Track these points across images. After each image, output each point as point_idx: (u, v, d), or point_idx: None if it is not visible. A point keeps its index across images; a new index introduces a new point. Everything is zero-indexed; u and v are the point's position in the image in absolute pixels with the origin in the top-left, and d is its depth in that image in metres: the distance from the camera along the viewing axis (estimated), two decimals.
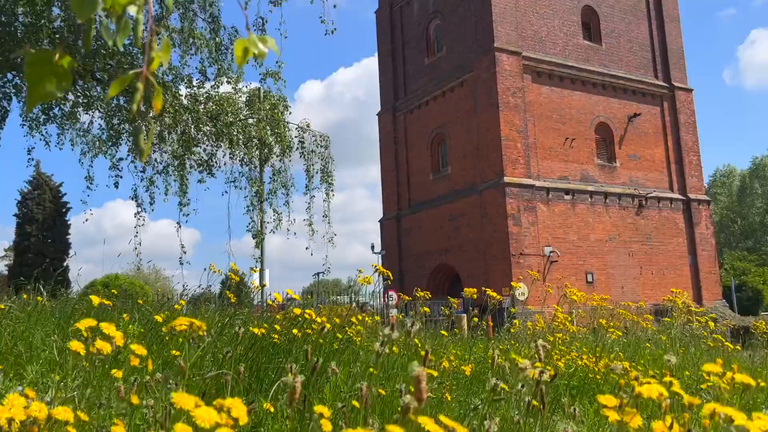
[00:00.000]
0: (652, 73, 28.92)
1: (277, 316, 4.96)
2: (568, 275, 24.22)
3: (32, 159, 12.86)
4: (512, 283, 20.56)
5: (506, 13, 25.12)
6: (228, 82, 12.86)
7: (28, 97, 1.02)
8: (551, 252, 24.01)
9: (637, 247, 26.56)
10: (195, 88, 12.58)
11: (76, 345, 1.50)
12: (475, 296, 4.57)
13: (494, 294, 4.47)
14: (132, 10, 1.27)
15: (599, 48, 27.63)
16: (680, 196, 28.21)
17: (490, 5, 24.82)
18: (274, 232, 13.45)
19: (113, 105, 11.96)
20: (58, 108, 11.49)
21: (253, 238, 13.31)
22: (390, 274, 4.12)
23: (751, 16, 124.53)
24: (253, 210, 13.12)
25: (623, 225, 26.43)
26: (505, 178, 23.67)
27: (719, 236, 51.23)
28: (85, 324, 1.54)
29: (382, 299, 21.31)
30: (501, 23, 24.89)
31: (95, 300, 3.22)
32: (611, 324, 5.55)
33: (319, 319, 4.08)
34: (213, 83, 12.41)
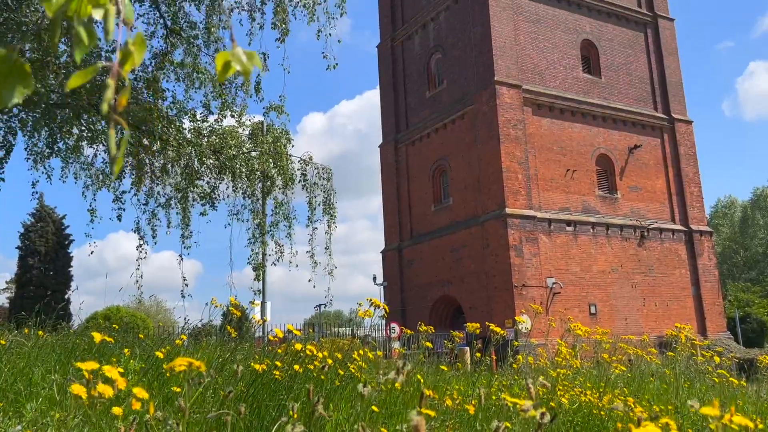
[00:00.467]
0: (651, 106, 29.17)
1: (279, 350, 4.93)
2: (571, 307, 24.10)
3: (36, 192, 12.94)
4: (516, 317, 20.45)
5: (506, 47, 25.45)
6: (231, 116, 12.98)
7: None
8: (554, 283, 23.93)
9: (640, 278, 26.46)
10: (199, 122, 12.69)
11: (77, 389, 1.50)
12: (478, 331, 4.55)
13: (498, 329, 4.45)
14: (97, 15, 1.23)
15: (599, 81, 27.92)
16: (682, 227, 28.21)
17: (490, 40, 25.16)
18: (275, 264, 13.45)
19: (118, 139, 12.04)
20: (62, 142, 11.61)
21: (254, 271, 13.29)
22: (386, 308, 4.12)
23: (749, 49, 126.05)
24: (254, 242, 13.14)
25: (625, 256, 26.37)
26: (506, 209, 23.72)
27: (722, 267, 51.04)
28: (87, 366, 1.54)
29: (384, 331, 21.20)
30: (501, 57, 25.21)
31: (97, 337, 3.21)
32: (615, 358, 5.50)
33: (320, 355, 4.06)
34: (217, 117, 12.54)
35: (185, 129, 12.88)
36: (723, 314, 28.80)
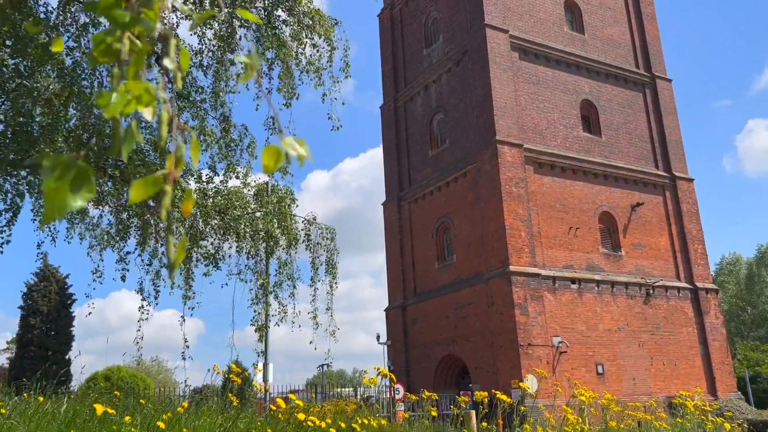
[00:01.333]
0: (652, 164, 29.44)
1: (281, 417, 4.87)
2: (578, 366, 23.74)
3: (41, 252, 13.00)
4: (521, 384, 20.10)
5: (507, 107, 25.90)
6: (237, 177, 13.15)
7: (45, 209, 0.90)
8: (560, 342, 23.62)
9: (647, 337, 26.14)
10: (204, 183, 12.85)
11: None
12: (486, 400, 4.50)
13: (504, 397, 4.40)
14: (147, 114, 1.31)
15: (599, 140, 28.27)
16: (687, 285, 28.02)
17: (491, 100, 25.64)
18: (278, 325, 13.36)
19: (124, 200, 12.20)
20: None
21: (256, 332, 13.21)
22: (394, 377, 4.10)
23: (747, 106, 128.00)
24: (257, 303, 13.10)
25: (631, 314, 26.13)
26: (510, 266, 23.65)
27: (729, 325, 50.43)
28: None
29: (387, 392, 20.84)
30: (502, 117, 25.62)
31: (99, 409, 3.20)
32: (623, 426, 5.40)
33: (323, 425, 4.01)
34: (222, 178, 12.70)
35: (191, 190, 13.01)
36: (733, 374, 28.29)
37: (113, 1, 1.24)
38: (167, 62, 1.18)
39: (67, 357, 27.77)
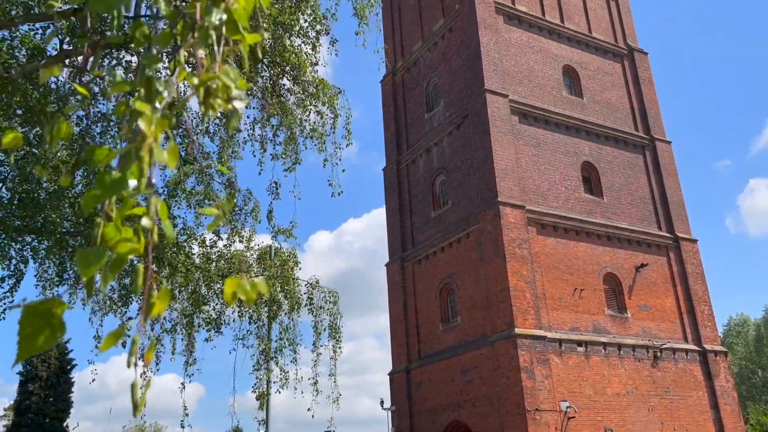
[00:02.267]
0: (655, 225, 29.48)
1: None
2: None
3: None
4: None
5: (508, 169, 26.17)
6: (240, 241, 13.21)
7: (18, 350, 1.02)
8: (568, 407, 23.10)
9: (656, 401, 25.56)
10: (208, 248, 12.91)
11: None
12: None
13: None
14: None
15: (601, 201, 28.42)
16: (696, 348, 27.59)
17: (492, 163, 25.93)
18: (279, 392, 13.14)
19: (127, 268, 12.25)
20: (72, 270, 11.77)
21: (257, 400, 12.99)
22: None
23: (747, 167, 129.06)
24: (259, 369, 12.93)
25: (640, 378, 25.63)
26: (516, 329, 23.37)
27: (740, 389, 49.37)
28: None
29: None
30: (503, 179, 25.85)
31: None
32: None
33: None
34: (226, 242, 12.77)
35: (194, 254, 13.06)
36: None
37: (110, 155, 1.31)
38: (144, 221, 1.25)
39: (65, 424, 27.20)
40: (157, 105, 1.43)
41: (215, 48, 1.49)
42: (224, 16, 1.45)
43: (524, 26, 30.32)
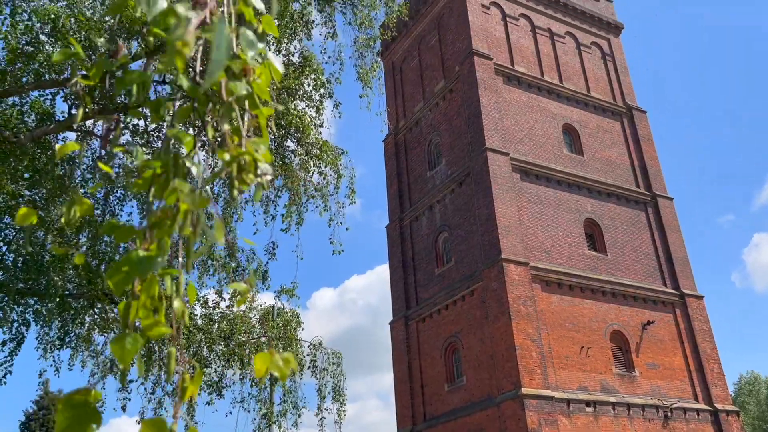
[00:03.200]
0: (660, 281, 29.28)
1: None
2: None
3: (42, 382, 12.77)
4: None
5: (511, 226, 26.21)
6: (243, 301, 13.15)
7: None
8: None
9: None
10: (210, 309, 12.84)
11: None
12: None
13: None
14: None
15: (605, 258, 28.33)
16: (707, 407, 26.97)
17: (495, 220, 25.99)
18: None
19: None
20: (74, 332, 11.69)
21: None
22: None
23: (751, 221, 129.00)
24: None
25: None
26: (522, 389, 22.93)
27: None
28: None
29: None
30: (506, 236, 25.86)
31: None
32: None
33: None
34: (228, 304, 12.70)
35: (196, 315, 12.99)
36: None
37: (130, 232, 1.33)
38: (176, 303, 1.26)
39: None
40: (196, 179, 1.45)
41: (240, 122, 1.52)
42: (249, 89, 1.49)
43: (524, 86, 30.92)
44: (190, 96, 1.53)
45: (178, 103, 1.63)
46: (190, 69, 1.58)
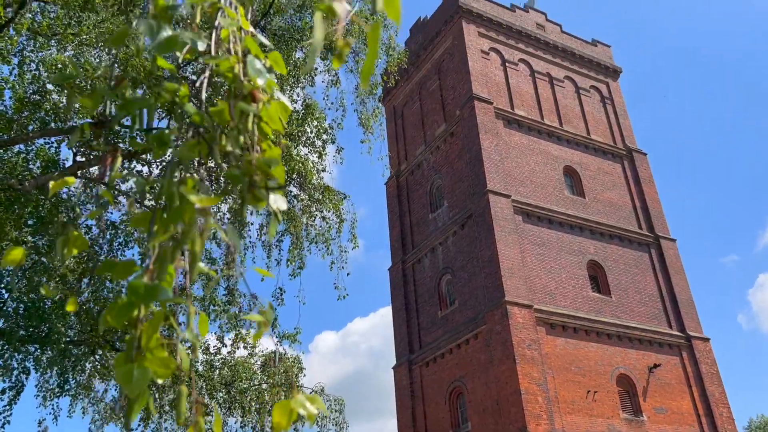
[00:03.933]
0: (665, 323, 29.00)
1: None
2: None
3: (41, 431, 12.58)
4: None
5: (514, 268, 26.12)
6: (245, 347, 13.03)
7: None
8: None
9: None
10: (212, 355, 12.72)
11: None
12: None
13: None
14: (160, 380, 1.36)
15: (609, 300, 28.13)
16: None
17: (498, 262, 25.92)
18: None
19: None
20: (74, 380, 11.58)
21: None
22: None
23: (755, 262, 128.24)
24: None
25: None
26: None
27: None
28: None
29: None
30: (510, 278, 25.75)
31: None
32: None
33: None
34: (230, 350, 12.59)
35: (197, 362, 12.86)
36: None
37: (131, 268, 1.33)
38: (187, 333, 1.24)
39: None
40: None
41: (250, 143, 1.48)
42: (257, 112, 1.47)
43: (524, 130, 31.24)
44: (196, 125, 1.50)
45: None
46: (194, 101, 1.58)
